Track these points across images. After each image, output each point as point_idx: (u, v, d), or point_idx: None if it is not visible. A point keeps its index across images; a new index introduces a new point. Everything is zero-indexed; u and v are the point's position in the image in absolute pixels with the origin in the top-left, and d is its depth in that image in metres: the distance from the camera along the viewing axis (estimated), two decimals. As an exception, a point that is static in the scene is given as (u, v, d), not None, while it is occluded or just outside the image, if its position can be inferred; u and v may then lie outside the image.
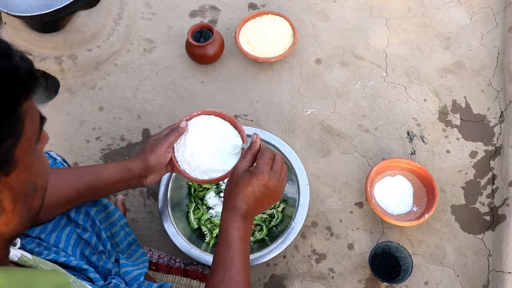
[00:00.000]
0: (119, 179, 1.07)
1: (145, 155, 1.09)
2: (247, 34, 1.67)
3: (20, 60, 0.57)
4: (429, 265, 1.32)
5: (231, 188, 0.96)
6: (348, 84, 1.62)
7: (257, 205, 0.97)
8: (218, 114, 1.16)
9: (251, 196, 0.95)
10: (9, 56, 0.56)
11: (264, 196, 0.96)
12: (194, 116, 1.14)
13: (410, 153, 1.49)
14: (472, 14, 1.78)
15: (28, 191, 0.61)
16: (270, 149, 1.00)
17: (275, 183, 0.96)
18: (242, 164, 0.98)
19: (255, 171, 0.95)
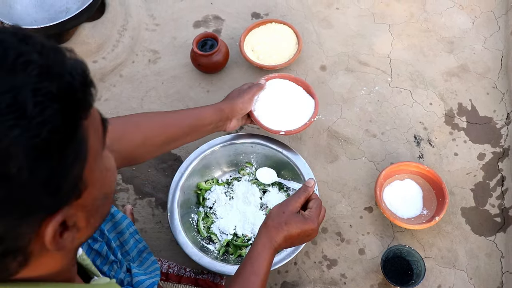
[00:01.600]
0: (213, 120, 1.21)
1: (233, 99, 1.25)
2: (252, 42, 1.67)
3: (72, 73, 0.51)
4: (442, 268, 1.31)
5: (280, 223, 1.01)
6: (354, 90, 1.63)
7: (290, 244, 1.05)
8: (292, 78, 1.40)
9: (294, 238, 1.02)
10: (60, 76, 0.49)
11: (301, 239, 1.04)
12: (272, 78, 1.38)
13: (418, 157, 1.49)
14: (474, 18, 1.79)
15: (100, 203, 0.60)
16: (319, 198, 1.08)
17: (315, 234, 1.04)
18: (296, 203, 1.04)
19: (309, 219, 1.02)
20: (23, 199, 0.47)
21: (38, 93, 0.46)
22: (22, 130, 0.45)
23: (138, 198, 1.45)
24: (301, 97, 1.39)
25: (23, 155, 0.45)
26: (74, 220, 0.54)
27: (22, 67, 0.47)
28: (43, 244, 0.52)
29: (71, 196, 0.52)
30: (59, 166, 0.49)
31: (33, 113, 0.45)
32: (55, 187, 0.49)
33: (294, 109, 1.37)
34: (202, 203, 1.38)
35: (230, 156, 1.42)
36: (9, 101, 0.45)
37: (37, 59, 0.48)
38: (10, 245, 0.50)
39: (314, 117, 1.35)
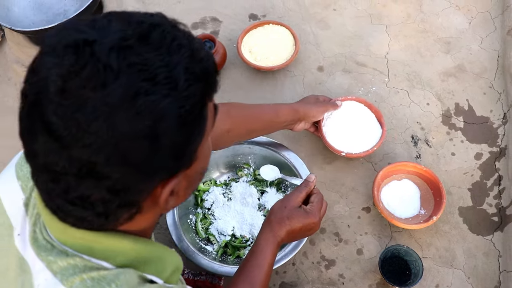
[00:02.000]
0: (288, 119, 1.29)
1: (309, 104, 1.35)
2: (249, 44, 1.68)
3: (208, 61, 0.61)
4: (439, 268, 1.32)
5: (282, 217, 1.04)
6: (351, 90, 1.63)
7: (292, 239, 1.08)
8: (367, 104, 1.47)
9: (297, 232, 1.04)
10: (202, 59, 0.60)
11: (304, 233, 1.06)
12: (348, 99, 1.47)
13: (415, 157, 1.49)
14: (470, 19, 1.80)
15: (198, 177, 0.71)
16: (322, 194, 1.11)
17: (317, 228, 1.07)
18: (298, 198, 1.07)
19: (310, 213, 1.05)
20: (158, 157, 0.57)
21: (187, 72, 0.57)
22: (173, 99, 0.55)
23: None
24: (370, 124, 1.45)
25: (172, 119, 0.55)
26: (178, 187, 0.64)
27: (177, 49, 0.57)
28: (152, 203, 0.62)
29: (187, 164, 0.62)
30: (188, 136, 0.59)
31: (183, 87, 0.56)
32: (180, 153, 0.59)
33: (361, 134, 1.43)
34: (200, 204, 1.39)
35: (228, 157, 1.42)
36: (166, 74, 0.55)
37: (187, 44, 0.58)
38: (131, 197, 0.59)
39: (378, 146, 1.41)
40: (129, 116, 0.53)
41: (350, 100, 1.48)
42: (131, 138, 0.54)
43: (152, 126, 0.54)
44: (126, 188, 0.57)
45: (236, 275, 1.00)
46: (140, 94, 0.53)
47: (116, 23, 0.57)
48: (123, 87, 0.53)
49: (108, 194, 0.57)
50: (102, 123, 0.53)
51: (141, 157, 0.55)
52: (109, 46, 0.54)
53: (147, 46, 0.55)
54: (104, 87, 0.52)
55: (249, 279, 0.98)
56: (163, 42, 0.56)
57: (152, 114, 0.54)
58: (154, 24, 0.57)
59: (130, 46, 0.54)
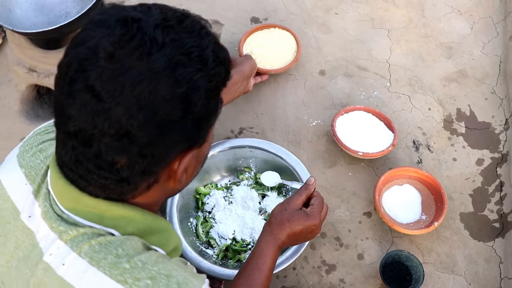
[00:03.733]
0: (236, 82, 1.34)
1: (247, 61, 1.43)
2: (251, 45, 1.67)
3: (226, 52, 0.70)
4: (440, 274, 1.31)
5: (282, 220, 1.03)
6: (353, 94, 1.63)
7: (294, 242, 1.06)
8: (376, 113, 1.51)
9: (298, 235, 1.03)
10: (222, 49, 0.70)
11: (304, 237, 1.05)
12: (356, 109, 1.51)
13: (417, 162, 1.49)
14: (472, 24, 1.80)
15: (203, 159, 0.80)
16: (322, 197, 1.10)
17: (318, 231, 1.06)
18: (298, 200, 1.06)
19: (311, 215, 1.04)
20: (186, 124, 0.65)
21: (214, 54, 0.66)
22: (203, 74, 0.64)
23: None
24: (381, 130, 1.48)
25: (202, 91, 0.64)
26: (189, 165, 0.71)
27: (206, 35, 0.67)
28: (168, 175, 0.70)
29: (201, 140, 0.70)
30: (210, 111, 0.68)
31: (211, 66, 0.65)
32: (201, 126, 0.68)
33: (373, 139, 1.46)
34: (201, 207, 1.38)
35: (229, 160, 1.42)
36: (199, 53, 0.64)
37: (212, 33, 0.68)
38: (153, 165, 0.66)
39: (392, 146, 1.43)
40: (169, 82, 0.61)
41: (359, 110, 1.51)
42: (169, 102, 0.61)
43: (187, 93, 0.62)
44: (152, 154, 0.64)
45: (236, 278, 1.00)
46: (179, 65, 0.62)
47: (156, 8, 0.66)
48: (167, 57, 0.61)
49: (135, 158, 0.63)
50: (146, 86, 0.60)
51: (174, 122, 0.63)
52: (154, 24, 0.62)
53: (183, 29, 0.64)
54: (150, 56, 0.61)
55: (249, 282, 0.97)
56: (195, 28, 0.66)
57: (188, 83, 0.62)
58: (185, 14, 0.67)
59: (171, 26, 0.64)
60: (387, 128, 1.48)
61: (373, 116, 1.50)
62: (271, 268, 1.00)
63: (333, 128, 1.46)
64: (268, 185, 1.34)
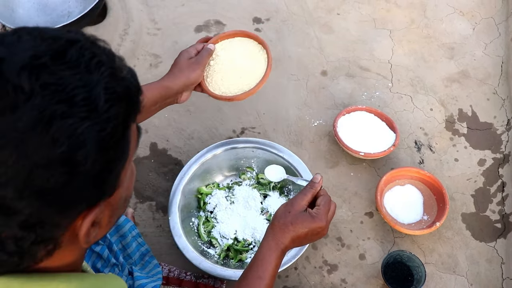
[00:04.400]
0: (158, 99, 1.08)
1: (186, 72, 1.11)
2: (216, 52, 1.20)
3: (130, 79, 0.56)
4: (442, 274, 1.31)
5: (286, 223, 0.97)
6: (355, 95, 1.63)
7: (298, 244, 0.99)
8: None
9: (302, 238, 0.97)
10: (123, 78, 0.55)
11: (310, 239, 0.98)
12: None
13: (419, 162, 1.49)
14: (474, 25, 1.80)
15: (121, 204, 0.63)
16: (328, 194, 1.02)
17: (325, 233, 0.98)
18: (302, 201, 0.99)
19: (316, 217, 0.96)
20: (76, 188, 0.51)
21: (108, 92, 0.51)
22: (92, 122, 0.50)
23: (138, 202, 1.45)
24: (383, 130, 1.48)
25: (91, 145, 0.50)
26: (100, 217, 0.57)
27: (96, 66, 0.52)
28: (72, 236, 0.56)
29: (110, 192, 0.57)
30: (110, 162, 0.54)
31: (103, 109, 0.50)
32: (102, 181, 0.54)
33: (375, 139, 1.46)
34: (203, 207, 1.38)
35: (231, 160, 1.42)
36: (85, 95, 0.49)
37: (107, 61, 0.53)
38: (47, 233, 0.53)
39: (394, 146, 1.43)
40: (43, 143, 0.47)
41: (361, 110, 1.51)
42: (46, 167, 0.48)
43: (69, 153, 0.48)
44: (41, 224, 0.51)
45: (238, 284, 0.97)
46: (55, 117, 0.47)
47: (28, 39, 0.51)
48: (36, 110, 0.47)
49: (21, 231, 0.51)
50: (12, 151, 0.47)
51: (57, 189, 0.49)
52: (19, 65, 0.48)
53: (63, 65, 0.50)
54: (14, 111, 0.47)
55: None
56: (81, 60, 0.51)
57: (69, 139, 0.48)
58: (71, 40, 0.52)
59: (43, 65, 0.49)
60: (389, 129, 1.48)
61: (375, 116, 1.50)
62: (273, 275, 0.96)
63: (335, 128, 1.46)
64: (273, 180, 1.25)
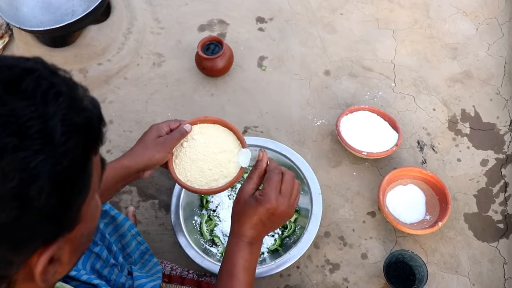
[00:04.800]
0: (119, 179, 1.01)
1: (149, 152, 1.02)
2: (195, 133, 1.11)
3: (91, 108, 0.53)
4: (444, 274, 1.31)
5: (238, 215, 0.93)
6: (357, 95, 1.63)
7: (266, 230, 0.94)
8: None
9: (259, 224, 0.92)
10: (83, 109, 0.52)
11: (273, 221, 0.93)
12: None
13: (421, 162, 1.49)
14: (478, 25, 1.80)
15: (84, 240, 0.60)
16: (278, 168, 0.94)
17: (284, 209, 0.91)
18: (248, 186, 0.93)
19: (262, 199, 0.90)
20: (29, 224, 0.48)
21: (65, 124, 0.48)
22: (47, 156, 0.47)
23: (141, 200, 1.45)
24: (385, 130, 1.48)
25: (45, 179, 0.47)
26: (60, 254, 0.53)
27: (53, 97, 0.49)
28: (28, 274, 0.52)
29: (69, 227, 0.53)
30: (67, 196, 0.50)
31: (59, 142, 0.47)
32: (59, 216, 0.50)
33: (377, 139, 1.46)
34: (206, 205, 1.39)
35: (234, 159, 1.42)
36: (39, 127, 0.47)
37: (66, 91, 0.50)
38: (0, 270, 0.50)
39: (397, 146, 1.43)
40: None
41: (364, 110, 1.51)
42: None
43: (20, 188, 0.46)
44: None
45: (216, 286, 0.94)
46: (6, 150, 0.45)
47: None
48: None
49: None
50: None
51: (8, 224, 0.46)
52: None
53: (16, 95, 0.47)
54: None
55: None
56: (37, 90, 0.48)
57: (21, 174, 0.45)
58: (28, 69, 0.49)
59: None
60: (391, 128, 1.48)
61: (377, 116, 1.50)
62: (246, 268, 0.92)
63: (338, 127, 1.47)
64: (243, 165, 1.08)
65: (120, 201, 1.45)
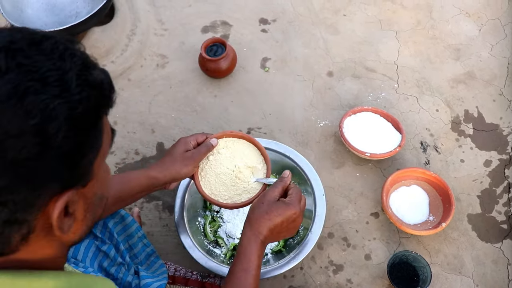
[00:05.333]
0: (144, 189, 1.08)
1: (177, 166, 1.08)
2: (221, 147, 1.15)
3: (102, 75, 0.60)
4: (448, 275, 1.31)
5: (260, 213, 0.97)
6: (361, 96, 1.63)
7: (277, 236, 1.00)
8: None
9: (279, 226, 0.97)
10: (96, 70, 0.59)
11: (287, 228, 0.99)
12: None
13: (424, 163, 1.49)
14: (480, 26, 1.80)
15: (96, 201, 0.65)
16: (299, 188, 1.03)
17: (300, 220, 0.99)
18: (274, 192, 1.00)
19: (290, 203, 0.97)
20: (48, 163, 0.53)
21: (80, 78, 0.55)
22: (64, 101, 0.53)
23: (145, 201, 1.46)
24: (388, 131, 1.48)
25: (63, 119, 0.53)
26: (74, 208, 0.59)
27: (70, 57, 0.56)
28: (46, 223, 0.57)
29: (82, 179, 0.58)
30: (82, 144, 0.56)
31: (75, 91, 0.54)
32: (74, 163, 0.56)
33: (380, 140, 1.46)
34: (209, 207, 1.39)
35: (237, 160, 1.42)
36: (58, 77, 0.54)
37: (80, 54, 0.58)
38: (19, 213, 0.54)
39: (400, 147, 1.43)
40: (16, 114, 0.51)
41: (367, 111, 1.51)
42: (18, 137, 0.51)
43: (42, 125, 0.51)
44: (13, 201, 0.52)
45: (225, 281, 0.98)
46: (29, 92, 0.51)
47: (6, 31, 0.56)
48: (11, 84, 0.51)
49: None
50: None
51: (30, 160, 0.51)
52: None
53: (38, 51, 0.54)
54: None
55: (236, 285, 0.95)
56: (55, 50, 0.55)
57: (42, 113, 0.51)
58: (47, 36, 0.57)
59: (20, 49, 0.54)
60: (394, 129, 1.48)
61: (380, 117, 1.51)
62: (257, 265, 0.97)
63: (341, 129, 1.47)
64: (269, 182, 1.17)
65: (124, 202, 1.45)
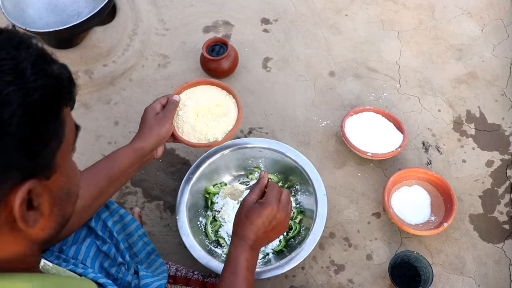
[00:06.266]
0: (134, 162, 1.10)
1: (155, 129, 1.12)
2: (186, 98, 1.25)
3: (61, 68, 0.60)
4: (449, 275, 1.31)
5: (241, 219, 1.01)
6: (362, 96, 1.63)
7: (265, 237, 1.03)
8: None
9: (261, 227, 1.00)
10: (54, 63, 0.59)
11: (272, 228, 1.02)
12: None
13: (426, 163, 1.49)
14: (483, 26, 1.80)
15: (64, 196, 0.64)
16: (277, 185, 1.06)
17: (283, 215, 1.03)
18: (251, 196, 1.04)
19: (265, 202, 1.01)
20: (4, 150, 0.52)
21: (35, 68, 0.55)
22: (18, 87, 0.53)
23: (146, 201, 1.46)
24: (390, 131, 1.49)
25: (17, 105, 0.52)
26: (39, 201, 0.58)
27: (25, 47, 0.56)
28: (10, 216, 0.55)
29: (44, 170, 0.57)
30: (41, 132, 0.55)
31: (30, 78, 0.54)
32: (34, 151, 0.55)
33: (382, 139, 1.47)
34: (210, 206, 1.39)
35: (239, 160, 1.43)
36: (11, 66, 0.54)
37: (36, 46, 0.58)
38: None
39: (402, 147, 1.43)
40: None
41: (369, 111, 1.51)
42: None
43: None
44: None
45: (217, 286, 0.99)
46: None
47: None
48: None
49: None
50: None
51: None
52: None
53: None
54: None
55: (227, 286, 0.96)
56: (11, 42, 0.56)
57: None
58: (2, 30, 0.58)
59: None
60: (396, 129, 1.48)
61: (382, 117, 1.50)
62: (246, 268, 0.98)
63: (343, 128, 1.47)
64: None
65: (125, 202, 1.45)
